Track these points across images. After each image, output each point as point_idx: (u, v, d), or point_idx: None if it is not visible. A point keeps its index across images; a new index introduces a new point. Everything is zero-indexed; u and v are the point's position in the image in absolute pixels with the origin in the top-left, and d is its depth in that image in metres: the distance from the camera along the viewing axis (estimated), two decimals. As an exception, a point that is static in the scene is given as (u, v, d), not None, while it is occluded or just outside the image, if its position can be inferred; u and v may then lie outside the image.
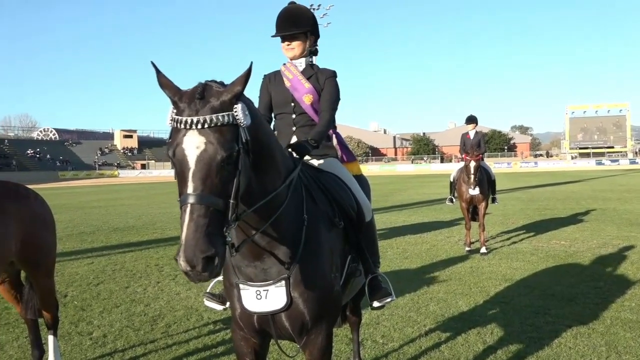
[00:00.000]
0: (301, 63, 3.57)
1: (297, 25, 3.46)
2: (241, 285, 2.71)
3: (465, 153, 10.62)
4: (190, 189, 2.04)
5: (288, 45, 3.51)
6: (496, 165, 77.88)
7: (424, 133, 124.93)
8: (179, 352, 5.27)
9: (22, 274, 4.75)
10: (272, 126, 3.63)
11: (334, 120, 3.50)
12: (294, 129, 3.51)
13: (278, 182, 2.59)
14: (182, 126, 2.08)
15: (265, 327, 2.77)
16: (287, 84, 3.52)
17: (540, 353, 5.01)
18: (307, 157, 3.32)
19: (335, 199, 3.08)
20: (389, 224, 14.91)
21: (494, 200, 11.29)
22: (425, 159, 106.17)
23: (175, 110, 2.14)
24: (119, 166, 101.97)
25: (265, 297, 2.66)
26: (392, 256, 10.09)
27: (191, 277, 2.01)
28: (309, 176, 3.01)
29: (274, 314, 2.70)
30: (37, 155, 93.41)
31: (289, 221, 2.66)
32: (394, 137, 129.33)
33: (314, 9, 71.15)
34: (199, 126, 2.06)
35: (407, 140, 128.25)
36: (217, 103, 2.11)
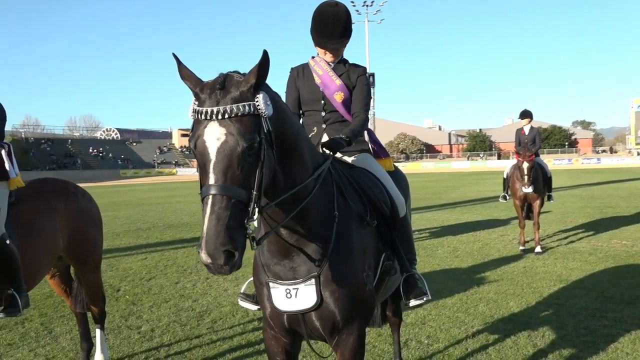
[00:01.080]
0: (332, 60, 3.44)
1: (347, 34, 3.31)
2: (271, 284, 2.67)
3: (517, 154, 10.25)
4: (211, 180, 2.01)
5: (332, 54, 3.38)
6: (556, 162, 75.34)
7: (480, 129, 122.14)
8: (222, 347, 5.31)
9: (72, 269, 4.89)
10: (301, 122, 3.55)
11: (368, 121, 3.39)
12: (324, 126, 3.42)
13: (305, 176, 2.54)
14: (203, 117, 2.06)
15: (295, 326, 2.73)
16: (318, 80, 3.41)
17: (594, 358, 4.77)
18: (339, 154, 3.25)
19: (367, 195, 3.00)
20: (440, 222, 14.63)
21: (549, 197, 10.88)
22: (481, 155, 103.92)
23: (196, 102, 2.11)
24: (177, 164, 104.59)
25: (295, 296, 2.61)
26: (443, 255, 9.89)
27: (212, 270, 1.99)
28: (340, 173, 2.94)
29: (304, 313, 2.65)
30: (100, 154, 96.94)
31: (319, 217, 2.60)
32: (449, 134, 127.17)
33: (366, 5, 70.71)
34: (220, 117, 2.03)
35: (462, 136, 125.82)
36: (237, 93, 2.07)
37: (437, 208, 18.80)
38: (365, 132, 3.56)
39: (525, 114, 10.60)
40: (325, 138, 3.32)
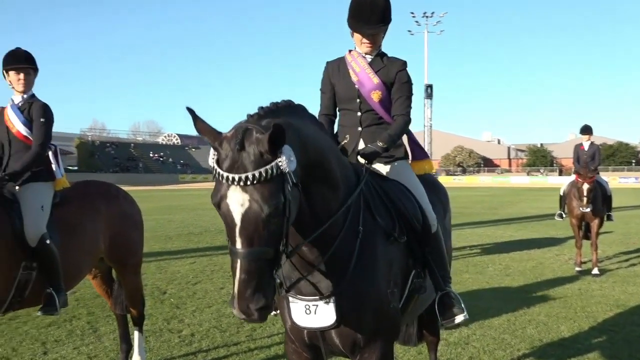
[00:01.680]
0: (370, 54, 3.23)
1: (385, 19, 3.12)
2: (290, 298, 2.60)
3: (577, 173, 9.78)
4: (238, 244, 2.01)
5: (368, 42, 3.16)
6: (622, 180, 72.13)
7: (541, 144, 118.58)
8: (259, 356, 5.28)
9: (114, 271, 4.98)
10: (336, 121, 3.39)
11: (410, 122, 3.20)
12: (359, 129, 3.23)
13: (334, 202, 2.48)
14: (224, 181, 2.01)
15: (316, 342, 2.65)
16: (354, 77, 3.20)
17: (649, 391, 4.45)
18: (376, 163, 3.14)
19: (398, 209, 2.88)
20: (493, 238, 14.20)
21: (609, 217, 10.36)
22: (541, 171, 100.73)
23: (215, 156, 2.07)
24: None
25: (315, 313, 2.53)
26: (493, 272, 9.57)
27: (247, 321, 2.04)
28: (371, 185, 2.83)
29: (323, 330, 2.57)
30: (161, 159, 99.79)
31: (342, 233, 2.52)
32: (509, 148, 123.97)
33: (426, 16, 69.99)
34: (242, 183, 1.97)
35: (522, 151, 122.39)
36: (257, 155, 1.99)
37: (491, 224, 18.28)
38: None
39: (586, 130, 10.15)
40: (361, 144, 3.16)
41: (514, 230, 16.17)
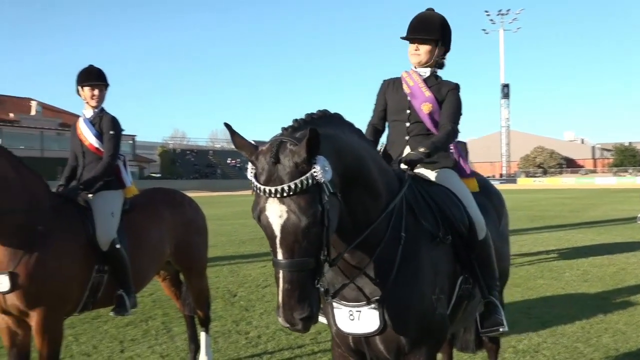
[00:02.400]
0: (426, 72, 3.34)
1: (428, 31, 3.26)
2: (334, 304, 2.64)
3: None
4: (279, 255, 2.08)
5: (415, 50, 3.30)
6: None
7: (629, 142, 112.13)
8: (322, 359, 5.34)
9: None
10: (385, 134, 3.48)
11: (455, 134, 3.22)
12: (407, 137, 3.30)
13: (374, 210, 2.51)
14: (262, 194, 2.08)
15: (360, 347, 2.67)
16: (407, 90, 3.31)
17: None
18: (422, 169, 3.14)
19: (444, 213, 2.87)
20: (573, 243, 13.60)
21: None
22: (630, 171, 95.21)
23: (254, 170, 2.14)
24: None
25: (358, 319, 2.56)
26: (570, 278, 9.18)
27: (291, 330, 2.11)
28: (416, 190, 2.84)
29: (367, 336, 2.59)
30: (238, 165, 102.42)
31: (384, 239, 2.54)
32: (593, 147, 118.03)
33: (501, 14, 68.02)
34: (278, 195, 2.04)
35: (608, 150, 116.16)
36: (292, 167, 2.05)
37: (571, 227, 17.50)
38: (453, 147, 3.40)
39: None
40: (407, 151, 3.21)
41: (595, 234, 15.41)
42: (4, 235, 3.63)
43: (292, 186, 2.02)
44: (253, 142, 2.21)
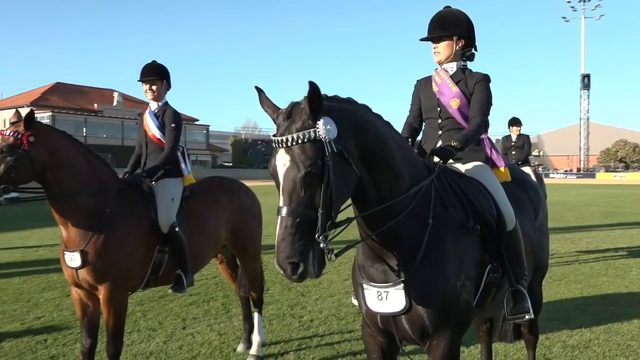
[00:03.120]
0: (452, 67, 3.45)
1: (443, 28, 3.38)
2: (364, 285, 2.84)
3: None
4: (281, 202, 2.30)
5: (434, 48, 3.45)
6: None
7: None
8: (370, 344, 5.53)
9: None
10: (422, 132, 3.63)
11: (485, 125, 3.34)
12: (439, 132, 3.44)
13: (397, 190, 2.66)
14: (275, 145, 2.33)
15: (388, 327, 2.85)
16: (435, 88, 3.46)
17: None
18: (453, 162, 3.26)
19: (472, 205, 3.00)
20: (645, 240, 13.05)
21: None
22: None
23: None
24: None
25: (386, 299, 2.74)
26: (635, 277, 8.88)
27: (286, 277, 2.28)
28: (446, 181, 2.98)
29: (394, 316, 2.77)
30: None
31: (410, 225, 2.69)
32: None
33: (583, 0, 64.80)
34: (284, 145, 2.28)
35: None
36: (299, 122, 2.28)
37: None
38: (485, 140, 3.50)
39: None
40: (439, 145, 3.35)
41: (672, 233, 14.69)
42: (75, 216, 4.05)
43: (295, 137, 2.26)
44: (275, 105, 2.47)
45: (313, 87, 2.25)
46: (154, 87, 4.80)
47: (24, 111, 4.10)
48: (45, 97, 64.85)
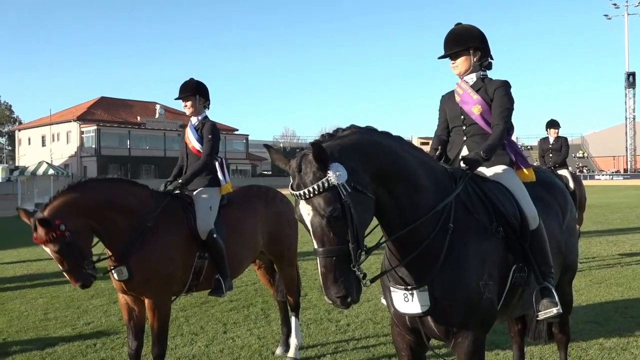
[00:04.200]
0: (472, 78, 3.58)
1: (458, 44, 3.52)
2: (391, 288, 3.00)
3: None
4: (315, 245, 2.52)
5: (452, 63, 3.60)
6: None
7: None
8: (405, 347, 5.63)
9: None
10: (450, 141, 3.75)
11: (508, 130, 3.45)
12: (464, 138, 3.58)
13: (419, 201, 2.83)
14: (295, 198, 2.54)
15: (416, 326, 2.99)
16: (458, 99, 3.60)
17: None
18: (480, 167, 3.37)
19: (496, 208, 3.11)
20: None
21: None
22: None
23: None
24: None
25: (412, 300, 2.89)
26: (680, 279, 8.70)
27: (337, 307, 2.54)
28: (470, 186, 3.11)
29: (420, 316, 2.90)
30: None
31: (432, 230, 2.84)
32: None
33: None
34: (303, 197, 2.48)
35: None
36: (310, 174, 2.48)
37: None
38: (507, 144, 3.59)
39: None
40: (465, 151, 3.50)
41: None
42: (120, 237, 4.31)
43: (311, 189, 2.46)
44: (285, 157, 2.70)
45: (316, 149, 2.43)
46: (188, 104, 5.07)
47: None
48: (91, 111, 66.94)
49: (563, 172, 10.16)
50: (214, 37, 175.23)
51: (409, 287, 2.91)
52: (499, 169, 3.48)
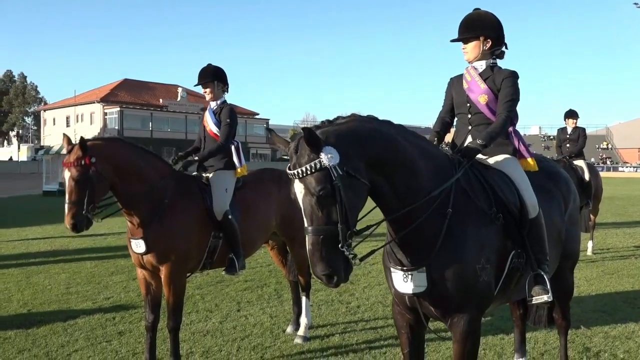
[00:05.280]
0: (481, 65, 3.64)
1: (470, 30, 3.59)
2: (392, 269, 3.14)
3: None
4: (305, 223, 2.66)
5: (463, 48, 3.67)
6: None
7: None
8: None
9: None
10: (454, 126, 3.86)
11: (511, 120, 3.52)
12: (469, 127, 3.66)
13: (416, 186, 2.94)
14: (291, 177, 2.69)
15: (415, 305, 3.13)
16: (465, 85, 3.67)
17: None
18: (482, 156, 3.47)
19: (497, 195, 3.22)
20: None
21: None
22: None
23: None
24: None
25: (410, 281, 3.03)
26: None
27: (324, 284, 2.68)
28: (472, 174, 3.21)
29: (419, 296, 3.04)
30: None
31: (430, 215, 2.96)
32: None
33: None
34: (297, 176, 2.63)
35: None
36: (305, 156, 2.62)
37: None
38: (512, 133, 3.68)
39: None
40: (469, 139, 3.59)
41: None
42: (139, 209, 4.51)
43: (304, 169, 2.60)
44: (286, 140, 2.85)
45: (307, 133, 2.57)
46: (207, 90, 5.24)
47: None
48: (114, 92, 67.67)
49: (579, 162, 10.15)
50: (237, 22, 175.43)
51: (407, 268, 3.04)
52: (502, 157, 3.57)
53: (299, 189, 2.67)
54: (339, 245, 2.61)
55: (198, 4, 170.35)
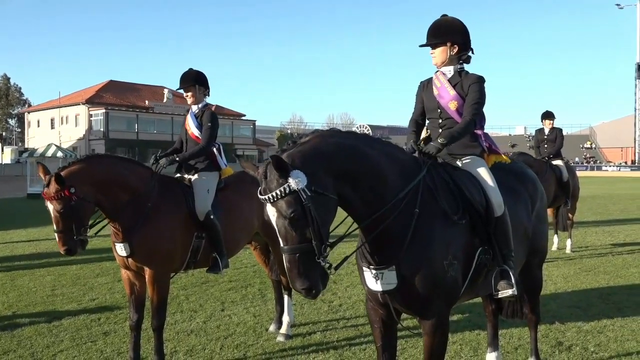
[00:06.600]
0: (450, 71, 3.80)
1: (436, 36, 3.75)
2: (364, 268, 3.29)
3: None
4: (281, 243, 2.80)
5: (432, 53, 3.82)
6: None
7: None
8: (392, 327, 5.93)
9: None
10: (425, 130, 4.01)
11: (474, 123, 3.68)
12: (440, 131, 3.80)
13: (382, 190, 3.09)
14: (263, 201, 2.81)
15: (387, 301, 3.27)
16: (435, 92, 3.82)
17: None
18: (451, 158, 3.64)
19: (463, 195, 3.37)
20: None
21: None
22: None
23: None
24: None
25: (382, 279, 3.18)
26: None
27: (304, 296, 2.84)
28: (436, 175, 3.37)
29: (390, 293, 3.19)
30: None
31: (398, 215, 3.10)
32: None
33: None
34: (269, 201, 2.76)
35: None
36: (274, 181, 2.74)
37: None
38: (481, 136, 3.84)
39: None
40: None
41: None
42: (123, 215, 4.62)
43: (274, 195, 2.72)
44: (255, 165, 3.00)
45: (275, 160, 2.69)
46: (189, 93, 5.37)
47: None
48: (100, 94, 67.28)
49: (557, 162, 10.38)
50: (222, 23, 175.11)
51: (378, 267, 3.19)
52: (469, 158, 3.73)
53: (271, 212, 2.80)
54: (316, 258, 2.75)
55: (183, 6, 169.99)
